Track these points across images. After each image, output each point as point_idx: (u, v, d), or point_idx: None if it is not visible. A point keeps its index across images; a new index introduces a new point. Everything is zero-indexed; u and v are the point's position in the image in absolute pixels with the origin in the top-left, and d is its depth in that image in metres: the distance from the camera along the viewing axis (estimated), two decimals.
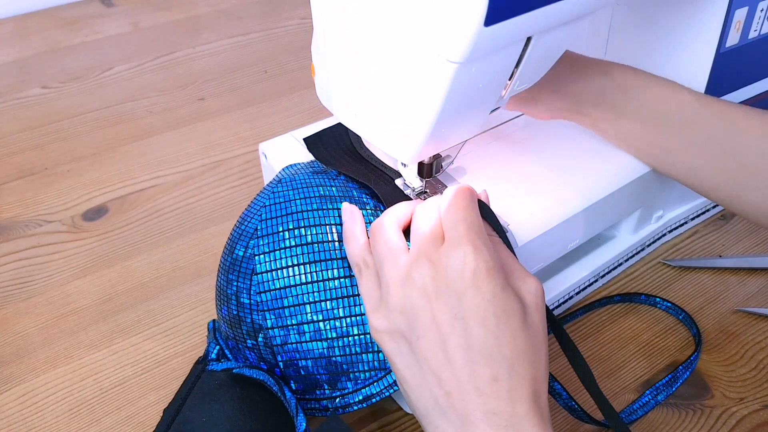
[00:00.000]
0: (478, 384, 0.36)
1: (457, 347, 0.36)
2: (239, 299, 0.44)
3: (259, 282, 0.44)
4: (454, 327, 0.37)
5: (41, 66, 0.90)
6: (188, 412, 0.44)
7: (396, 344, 0.39)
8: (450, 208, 0.40)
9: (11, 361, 0.54)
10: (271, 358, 0.44)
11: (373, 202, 0.46)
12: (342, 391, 0.44)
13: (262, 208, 0.46)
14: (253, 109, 0.82)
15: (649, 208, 0.60)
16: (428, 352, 0.37)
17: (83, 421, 0.50)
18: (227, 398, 0.44)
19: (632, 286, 0.60)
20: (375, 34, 0.38)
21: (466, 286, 0.37)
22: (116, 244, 0.64)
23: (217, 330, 0.49)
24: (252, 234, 0.45)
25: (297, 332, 0.43)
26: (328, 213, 0.44)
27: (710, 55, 0.53)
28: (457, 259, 0.37)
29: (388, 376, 0.44)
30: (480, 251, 0.37)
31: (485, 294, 0.36)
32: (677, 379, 0.52)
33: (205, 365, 0.47)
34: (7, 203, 0.69)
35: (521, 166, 0.52)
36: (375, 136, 0.45)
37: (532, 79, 0.43)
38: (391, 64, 0.39)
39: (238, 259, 0.45)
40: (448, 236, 0.38)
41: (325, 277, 0.43)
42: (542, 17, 0.36)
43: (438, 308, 0.37)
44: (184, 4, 1.04)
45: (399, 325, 0.38)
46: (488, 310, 0.36)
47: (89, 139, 0.77)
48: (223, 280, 0.46)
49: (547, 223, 0.48)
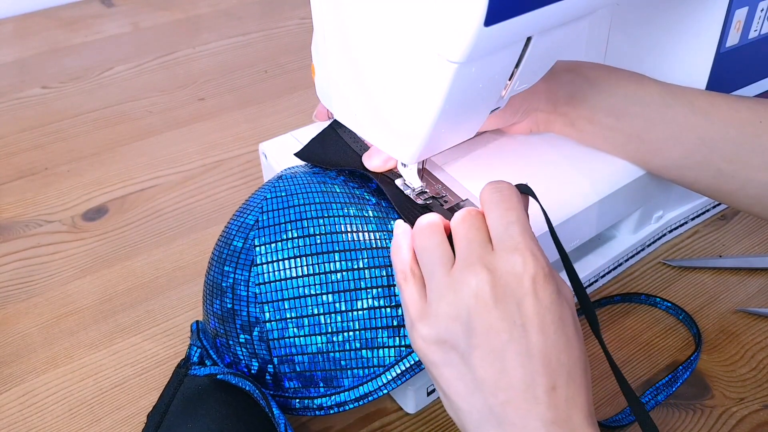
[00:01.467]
0: (537, 393, 0.35)
1: (517, 355, 0.35)
2: (236, 291, 0.44)
3: (259, 273, 0.43)
4: (512, 334, 0.35)
5: (41, 66, 0.90)
6: (172, 417, 0.43)
7: (445, 354, 0.37)
8: (493, 209, 0.38)
9: (11, 361, 0.54)
10: (265, 354, 0.44)
11: (374, 199, 0.45)
12: (337, 389, 0.43)
13: (263, 201, 0.45)
14: (253, 109, 0.82)
15: (649, 209, 0.60)
16: (485, 360, 0.36)
17: (83, 421, 0.50)
18: (212, 403, 0.43)
19: (632, 286, 0.60)
20: (375, 35, 0.38)
21: (525, 293, 0.36)
22: (116, 244, 0.64)
23: (201, 331, 0.48)
24: (252, 225, 0.44)
25: (295, 326, 0.42)
26: (331, 207, 0.44)
27: (710, 55, 0.53)
28: (515, 265, 0.36)
29: (386, 374, 0.43)
30: (537, 257, 0.36)
31: (543, 300, 0.36)
32: (677, 379, 0.52)
33: (187, 369, 0.45)
34: (7, 203, 0.69)
35: (521, 166, 0.52)
36: (375, 137, 0.45)
37: (532, 79, 0.43)
38: (391, 64, 0.39)
39: (236, 250, 0.44)
40: (501, 240, 0.37)
41: (327, 270, 0.42)
42: (542, 17, 0.36)
43: (496, 315, 0.36)
44: (184, 4, 1.04)
45: (450, 334, 0.37)
46: (547, 317, 0.35)
47: (89, 139, 0.77)
48: (217, 273, 0.45)
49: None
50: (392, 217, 0.45)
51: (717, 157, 0.48)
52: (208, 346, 0.47)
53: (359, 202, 0.45)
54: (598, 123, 0.51)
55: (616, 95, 0.50)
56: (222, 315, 0.45)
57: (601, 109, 0.50)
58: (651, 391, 0.51)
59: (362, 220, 0.44)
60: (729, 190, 0.49)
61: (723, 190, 0.49)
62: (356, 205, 0.44)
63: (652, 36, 0.56)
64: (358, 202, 0.45)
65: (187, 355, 0.47)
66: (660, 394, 0.51)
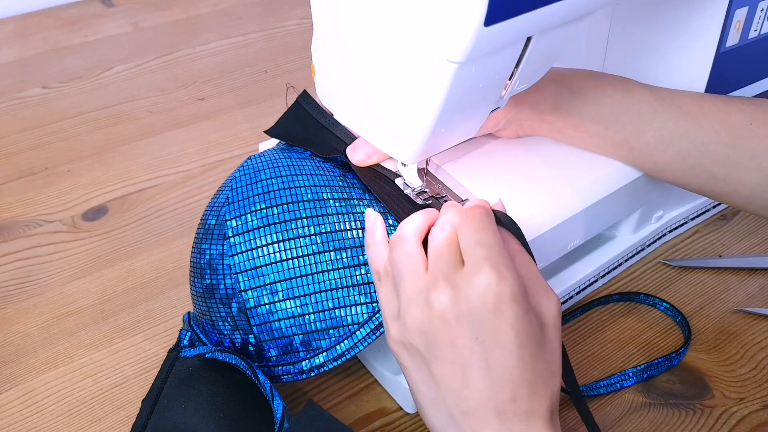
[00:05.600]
0: (497, 404, 0.36)
1: (478, 369, 0.36)
2: (212, 266, 0.45)
3: (231, 245, 0.45)
4: (474, 350, 0.36)
5: (41, 66, 0.90)
6: (166, 400, 0.44)
7: (412, 358, 0.39)
8: (465, 230, 0.39)
9: (11, 361, 0.54)
10: (245, 324, 0.45)
11: (339, 171, 0.47)
12: (316, 351, 0.45)
13: (232, 179, 0.48)
14: (253, 109, 0.82)
15: (649, 208, 0.60)
16: (446, 372, 0.37)
17: (83, 421, 0.50)
18: (203, 382, 0.45)
19: (632, 285, 0.60)
20: (374, 35, 0.38)
21: (488, 311, 0.36)
22: (116, 244, 0.64)
23: (192, 319, 0.49)
24: (223, 203, 0.47)
25: (270, 292, 0.44)
26: (297, 178, 0.46)
27: (710, 54, 0.53)
28: (479, 284, 0.36)
29: (359, 330, 0.44)
30: (503, 276, 0.36)
31: (508, 318, 0.36)
32: (654, 369, 0.52)
33: (178, 353, 0.47)
34: (7, 203, 0.69)
35: (521, 166, 0.52)
36: (375, 136, 0.45)
37: (532, 79, 0.43)
38: (391, 64, 0.39)
39: (210, 227, 0.46)
40: (467, 259, 0.37)
41: (295, 236, 0.44)
42: (542, 17, 0.36)
43: (458, 332, 0.36)
44: (184, 4, 1.04)
45: (416, 344, 0.38)
46: (510, 335, 0.36)
47: (89, 139, 0.77)
48: (196, 253, 0.47)
49: (547, 223, 0.48)
50: (358, 186, 0.46)
51: (708, 161, 0.48)
52: (199, 331, 0.48)
53: (325, 174, 0.46)
54: (585, 132, 0.50)
55: (602, 105, 0.49)
56: (203, 293, 0.46)
57: (588, 119, 0.49)
58: (620, 375, 0.52)
59: (327, 189, 0.46)
60: (723, 191, 0.49)
61: (717, 191, 0.49)
62: (322, 176, 0.46)
63: (652, 36, 0.56)
64: (323, 174, 0.46)
65: (178, 339, 0.48)
66: (628, 381, 0.52)
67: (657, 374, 0.53)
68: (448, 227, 0.39)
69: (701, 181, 0.49)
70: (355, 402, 0.51)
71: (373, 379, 0.53)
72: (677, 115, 0.48)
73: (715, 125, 0.47)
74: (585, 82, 0.50)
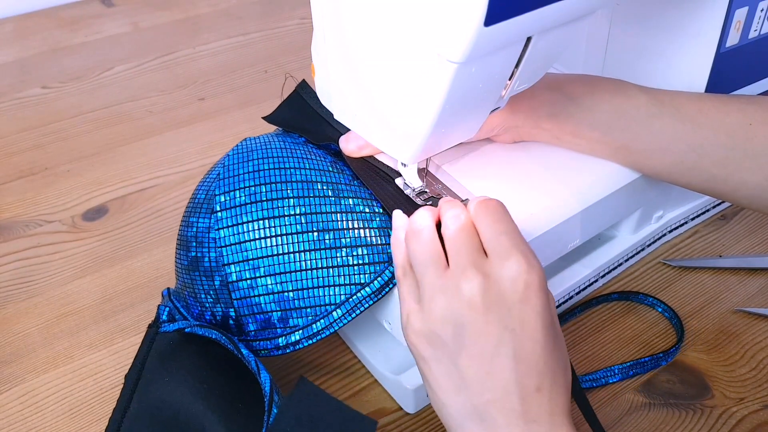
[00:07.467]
0: (523, 394, 0.36)
1: (505, 358, 0.36)
2: (198, 239, 0.46)
3: (219, 219, 0.46)
4: (502, 339, 0.36)
5: (41, 66, 0.90)
6: (149, 374, 0.45)
7: (434, 350, 0.38)
8: (484, 220, 0.39)
9: (11, 361, 0.54)
10: (227, 298, 0.46)
11: (331, 158, 0.48)
12: (293, 328, 0.45)
13: (225, 157, 0.49)
14: (253, 109, 0.82)
15: (649, 208, 0.60)
16: (473, 360, 0.37)
17: (83, 421, 0.50)
18: (186, 356, 0.45)
19: (632, 285, 0.60)
20: (374, 35, 0.38)
21: (518, 298, 0.36)
22: (116, 244, 0.64)
23: (173, 294, 0.50)
24: (214, 179, 0.48)
25: (252, 267, 0.45)
26: (287, 160, 0.47)
27: (710, 54, 0.53)
28: (510, 271, 0.37)
29: (335, 311, 0.45)
30: (532, 264, 0.37)
31: (535, 307, 0.37)
32: (640, 367, 0.53)
33: (157, 328, 0.47)
34: (7, 203, 0.69)
35: (521, 166, 0.52)
36: (375, 136, 0.45)
37: (532, 79, 0.43)
38: (391, 64, 0.39)
39: (199, 201, 0.47)
40: (492, 248, 0.38)
41: (281, 214, 0.45)
42: (542, 17, 0.36)
43: (487, 320, 0.37)
44: (184, 4, 1.04)
45: (441, 333, 0.38)
46: (538, 323, 0.37)
47: (89, 139, 0.77)
48: (184, 226, 0.48)
49: (547, 223, 0.48)
50: (347, 173, 0.47)
51: (708, 163, 0.47)
52: (180, 305, 0.49)
53: (316, 159, 0.47)
54: (583, 137, 0.50)
55: (600, 110, 0.49)
56: (188, 265, 0.47)
57: (586, 125, 0.49)
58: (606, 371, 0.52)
59: (316, 172, 0.47)
60: (723, 191, 0.48)
61: (717, 191, 0.49)
62: (312, 161, 0.47)
63: (652, 36, 0.56)
64: (314, 158, 0.47)
65: (156, 315, 0.48)
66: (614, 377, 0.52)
67: (643, 372, 0.53)
68: (463, 217, 0.39)
69: (701, 182, 0.49)
70: (355, 402, 0.51)
71: (373, 379, 0.53)
72: (675, 119, 0.47)
73: (715, 127, 0.47)
74: (581, 88, 0.49)
